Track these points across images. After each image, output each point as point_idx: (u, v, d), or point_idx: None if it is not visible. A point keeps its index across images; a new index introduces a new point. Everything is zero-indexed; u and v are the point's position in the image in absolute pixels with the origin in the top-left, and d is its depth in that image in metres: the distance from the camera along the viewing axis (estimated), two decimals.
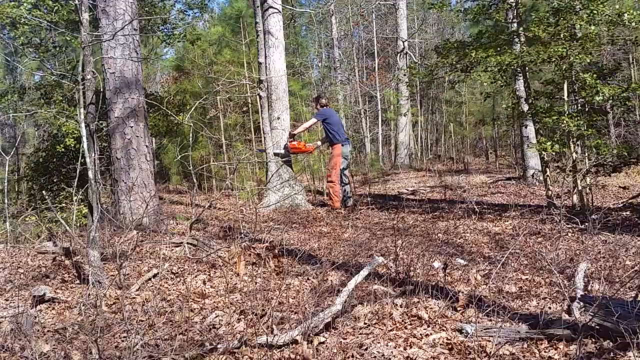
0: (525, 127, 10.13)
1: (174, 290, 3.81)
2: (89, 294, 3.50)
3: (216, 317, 3.18)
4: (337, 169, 7.53)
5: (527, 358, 2.48)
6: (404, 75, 12.34)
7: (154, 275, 4.04)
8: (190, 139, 6.40)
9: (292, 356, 2.58)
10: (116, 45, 5.96)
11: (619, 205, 6.62)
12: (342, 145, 7.62)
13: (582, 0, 5.92)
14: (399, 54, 17.55)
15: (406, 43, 17.32)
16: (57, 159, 8.70)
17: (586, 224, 4.96)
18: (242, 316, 3.17)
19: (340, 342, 2.72)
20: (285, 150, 7.62)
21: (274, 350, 2.62)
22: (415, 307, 3.11)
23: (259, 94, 7.83)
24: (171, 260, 4.51)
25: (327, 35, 21.50)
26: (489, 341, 2.58)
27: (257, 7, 7.78)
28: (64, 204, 7.44)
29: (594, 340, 2.55)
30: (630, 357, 2.32)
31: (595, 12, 5.74)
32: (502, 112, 15.35)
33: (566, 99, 6.28)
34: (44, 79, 9.42)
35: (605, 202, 6.87)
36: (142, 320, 3.09)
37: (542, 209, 5.87)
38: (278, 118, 7.84)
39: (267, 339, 2.65)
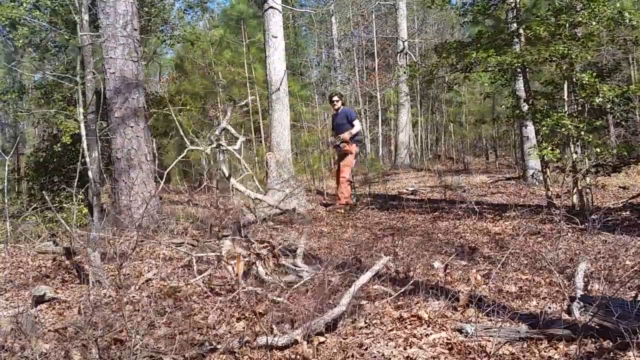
0: (525, 127, 10.12)
1: (174, 290, 3.81)
2: (89, 294, 3.50)
3: (216, 317, 3.18)
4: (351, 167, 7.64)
5: (527, 358, 2.48)
6: (404, 72, 12.35)
7: (154, 275, 4.04)
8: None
9: (292, 356, 2.58)
10: (116, 45, 5.97)
11: (619, 205, 6.62)
12: (356, 145, 7.75)
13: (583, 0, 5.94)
14: (399, 54, 17.55)
15: (406, 43, 17.32)
16: (57, 159, 8.69)
17: (586, 224, 4.95)
18: (242, 316, 3.17)
19: (340, 342, 2.72)
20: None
21: (274, 350, 2.62)
22: (416, 307, 3.11)
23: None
24: (171, 261, 4.51)
25: (327, 35, 21.49)
26: (489, 341, 2.58)
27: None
28: (64, 204, 7.44)
29: (594, 340, 2.54)
30: (630, 357, 2.32)
31: (596, 10, 5.75)
32: (502, 112, 15.37)
33: (566, 99, 6.28)
34: (44, 78, 9.42)
35: (605, 202, 6.86)
36: (142, 320, 3.09)
37: (542, 209, 5.87)
38: (278, 118, 7.84)
39: (267, 339, 2.65)
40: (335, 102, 7.75)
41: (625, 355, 2.35)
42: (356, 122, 7.71)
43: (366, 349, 2.63)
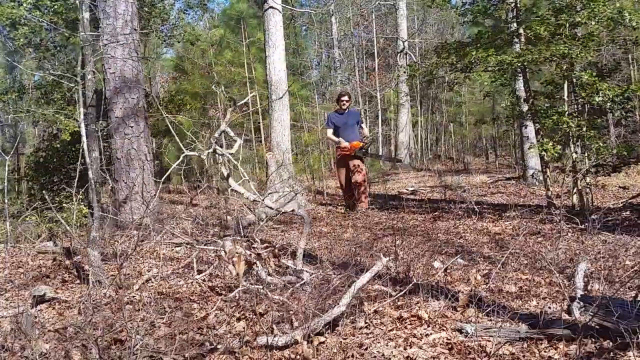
0: (525, 127, 10.13)
1: (174, 290, 3.81)
2: (89, 294, 3.50)
3: (216, 317, 3.18)
4: None
5: (527, 358, 2.48)
6: (404, 73, 12.36)
7: (154, 275, 4.04)
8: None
9: (292, 356, 2.58)
10: (116, 45, 5.97)
11: (619, 205, 6.62)
12: None
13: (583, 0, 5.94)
14: (399, 54, 17.55)
15: (406, 43, 17.32)
16: (57, 158, 8.70)
17: (586, 224, 4.95)
18: (242, 316, 3.17)
19: (340, 342, 2.72)
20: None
21: (274, 350, 2.62)
22: (416, 307, 3.11)
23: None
24: (171, 261, 4.51)
25: (327, 36, 21.49)
26: (489, 341, 2.58)
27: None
28: (64, 204, 7.43)
29: (593, 340, 2.54)
30: (630, 357, 2.32)
31: (595, 10, 5.75)
32: (502, 112, 15.37)
33: (566, 98, 6.28)
34: (44, 78, 9.42)
35: (605, 202, 6.86)
36: (142, 320, 3.09)
37: (542, 209, 5.87)
38: (278, 118, 7.85)
39: (267, 339, 2.65)
40: (344, 102, 7.64)
41: (625, 355, 2.35)
42: (364, 124, 7.84)
43: (366, 349, 2.62)
